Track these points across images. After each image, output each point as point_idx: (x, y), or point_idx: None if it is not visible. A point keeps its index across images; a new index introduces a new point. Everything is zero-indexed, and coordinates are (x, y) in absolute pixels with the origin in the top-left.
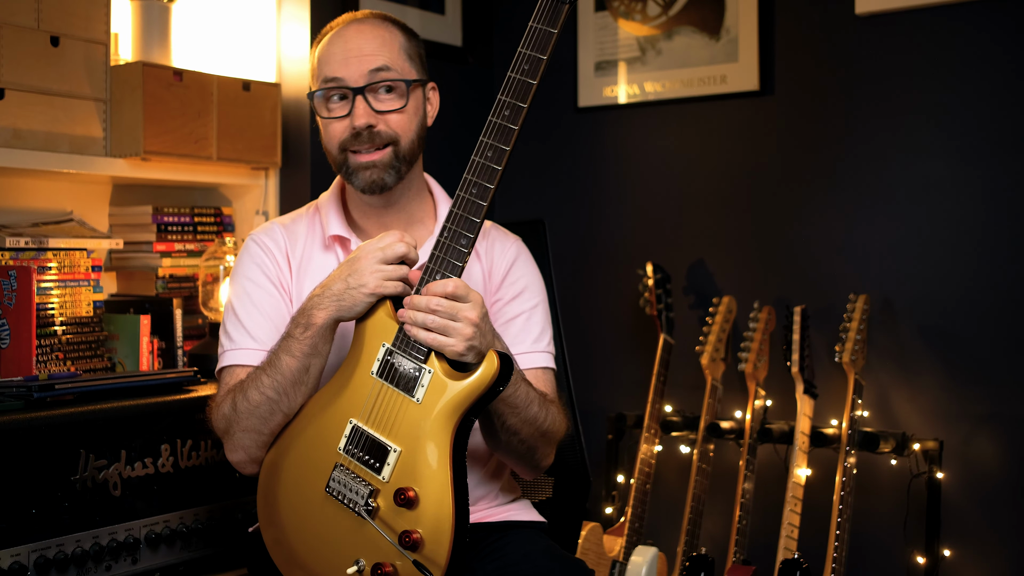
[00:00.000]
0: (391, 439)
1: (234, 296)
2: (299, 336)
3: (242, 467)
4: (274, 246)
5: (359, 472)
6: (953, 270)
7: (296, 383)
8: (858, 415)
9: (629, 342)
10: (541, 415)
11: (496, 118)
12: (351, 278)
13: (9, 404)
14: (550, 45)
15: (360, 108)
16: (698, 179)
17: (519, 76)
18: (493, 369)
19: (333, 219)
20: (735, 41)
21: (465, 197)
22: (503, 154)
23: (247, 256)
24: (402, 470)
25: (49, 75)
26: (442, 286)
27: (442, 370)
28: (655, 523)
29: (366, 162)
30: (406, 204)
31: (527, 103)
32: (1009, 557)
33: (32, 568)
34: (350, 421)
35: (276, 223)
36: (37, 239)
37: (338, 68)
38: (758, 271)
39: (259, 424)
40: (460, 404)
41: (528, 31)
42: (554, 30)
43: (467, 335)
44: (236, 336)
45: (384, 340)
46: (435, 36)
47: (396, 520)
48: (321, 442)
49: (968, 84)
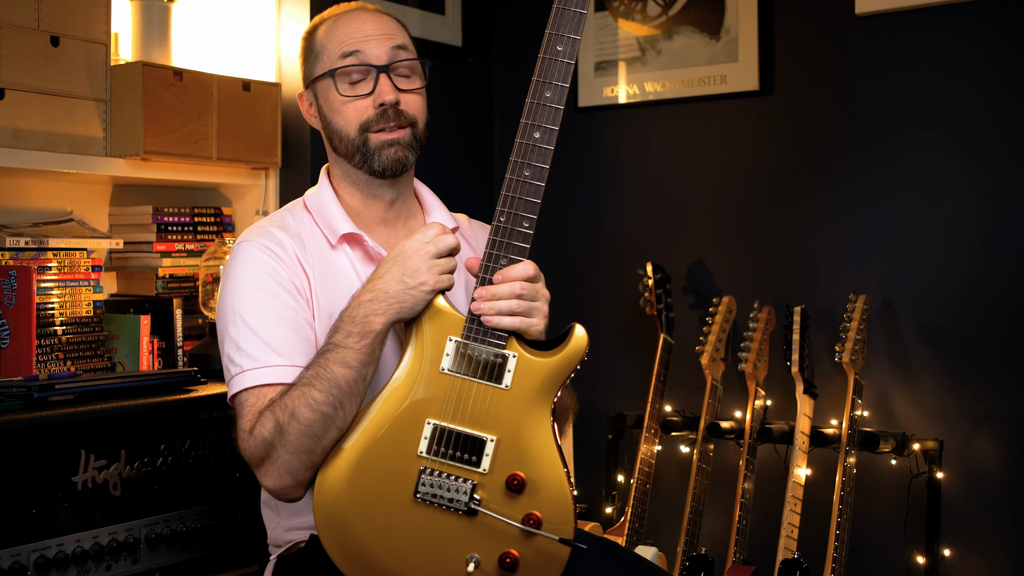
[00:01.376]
0: (483, 430)
1: (244, 309)
2: (354, 345)
3: (286, 493)
4: (281, 251)
5: (451, 471)
6: (953, 270)
7: (352, 394)
8: (858, 415)
9: (629, 342)
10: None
11: (536, 99)
12: (408, 278)
13: (9, 404)
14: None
15: (386, 84)
16: (698, 179)
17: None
18: (585, 337)
19: (339, 217)
20: (735, 41)
21: (519, 180)
22: (553, 134)
23: (251, 264)
24: (503, 458)
25: (49, 75)
26: (523, 270)
27: (528, 352)
28: (655, 523)
29: (392, 139)
30: (406, 197)
31: (567, 83)
32: (1009, 557)
33: (32, 568)
34: (428, 422)
35: (270, 227)
36: (37, 239)
37: (359, 44)
38: (758, 271)
39: (312, 444)
40: (558, 379)
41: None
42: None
43: (546, 312)
44: (257, 353)
45: (449, 334)
46: (435, 36)
47: (508, 507)
48: (394, 449)
49: (968, 84)
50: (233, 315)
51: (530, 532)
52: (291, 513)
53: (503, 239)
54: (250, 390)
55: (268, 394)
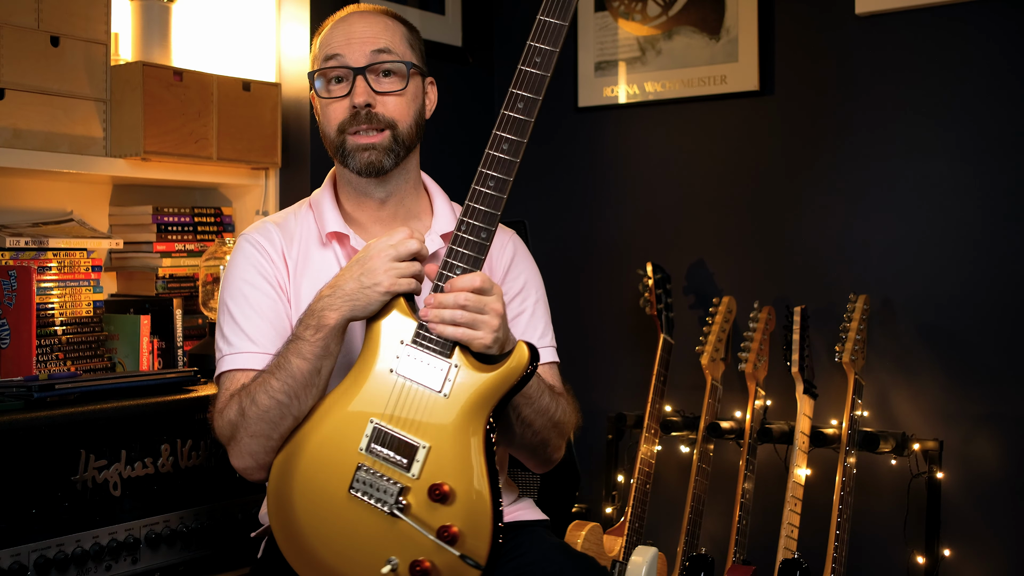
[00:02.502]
0: (418, 436)
1: (229, 298)
2: (310, 338)
3: (249, 473)
4: (269, 245)
5: (385, 471)
6: (953, 270)
7: (307, 385)
8: (858, 415)
9: (629, 342)
10: (552, 406)
11: (509, 111)
12: (364, 277)
13: (9, 404)
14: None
15: (360, 87)
16: (698, 179)
17: (531, 69)
18: (524, 357)
19: (330, 215)
20: (735, 41)
21: (481, 191)
22: (519, 146)
23: (241, 256)
24: (432, 466)
25: (49, 75)
26: (469, 281)
27: (469, 364)
28: (655, 523)
29: (364, 143)
30: (403, 198)
31: (541, 95)
32: (1009, 557)
33: (32, 568)
34: (371, 420)
35: (269, 222)
36: (37, 239)
37: (339, 47)
38: (758, 271)
39: (269, 429)
40: (493, 395)
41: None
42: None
43: (495, 327)
44: (234, 340)
45: (401, 337)
46: (435, 36)
47: (429, 516)
48: (338, 444)
49: (968, 84)
50: (222, 303)
51: (440, 544)
52: None
53: (460, 248)
54: (226, 374)
55: (241, 379)
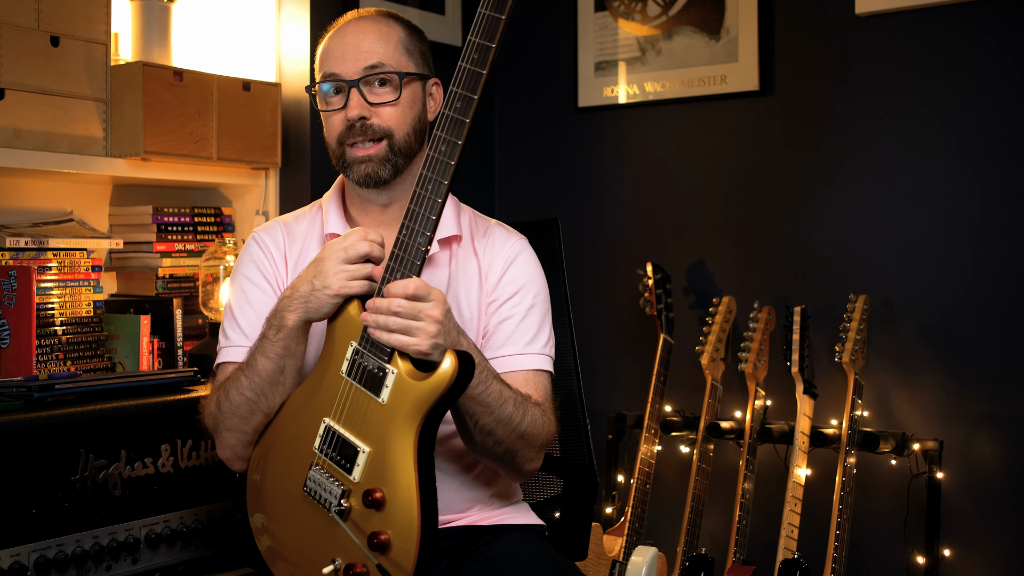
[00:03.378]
0: (360, 439)
1: (232, 294)
2: (272, 337)
3: (231, 463)
4: (273, 245)
5: (333, 472)
6: (953, 270)
7: (272, 383)
8: (858, 415)
9: (629, 342)
10: (517, 416)
11: (448, 110)
12: (316, 279)
13: (9, 404)
14: (498, 32)
15: (354, 100)
16: (698, 179)
17: (469, 66)
18: (451, 368)
19: (332, 217)
20: (735, 41)
21: (421, 193)
22: (455, 147)
23: (246, 254)
24: (371, 471)
25: (49, 75)
26: (403, 287)
27: (405, 370)
28: (655, 523)
29: (362, 156)
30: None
31: (477, 94)
32: (1009, 557)
33: (32, 568)
34: (323, 420)
35: (278, 221)
36: (37, 239)
37: (335, 64)
38: (758, 271)
39: (241, 423)
40: (422, 404)
41: (477, 16)
42: (502, 16)
43: (431, 333)
44: (231, 334)
45: (352, 339)
46: (435, 36)
47: (366, 521)
48: (299, 441)
49: (968, 84)
50: (227, 299)
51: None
52: None
53: (401, 252)
54: (220, 365)
55: (231, 371)
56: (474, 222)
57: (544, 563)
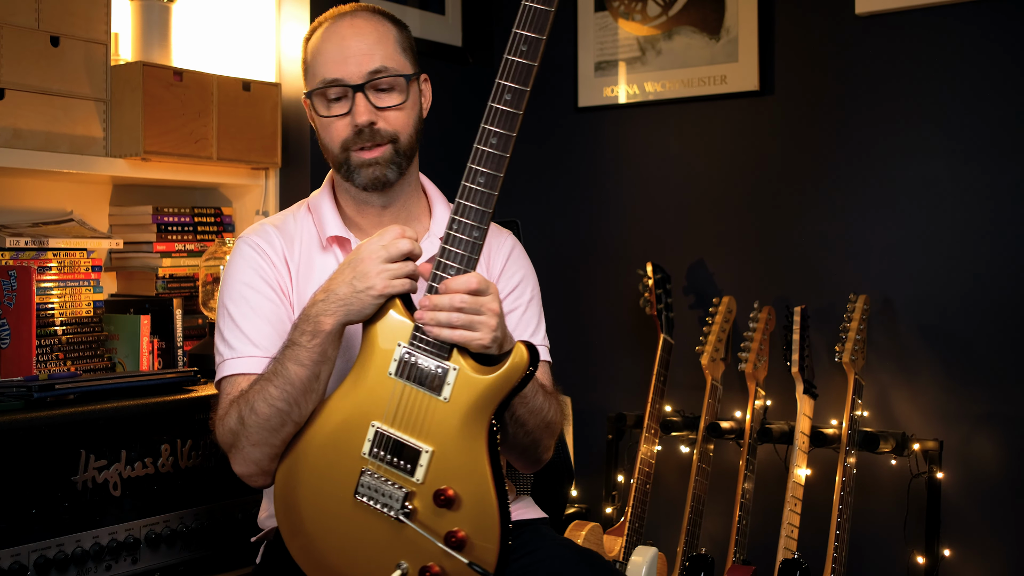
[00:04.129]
0: (421, 440)
1: (229, 301)
2: (307, 344)
3: (252, 479)
4: (270, 248)
5: (389, 476)
6: (953, 270)
7: (306, 391)
8: (858, 415)
9: (629, 342)
10: (545, 405)
11: (497, 103)
12: (357, 281)
13: (9, 404)
14: (547, 24)
15: (361, 105)
16: (698, 179)
17: (518, 59)
18: (524, 357)
19: (330, 219)
20: (735, 41)
21: (472, 187)
22: (508, 140)
23: (240, 259)
24: (436, 470)
25: (49, 75)
26: (465, 282)
27: (469, 366)
28: (655, 523)
29: (369, 159)
30: (405, 201)
31: (528, 86)
32: (1009, 557)
33: (32, 568)
34: (372, 424)
35: (268, 224)
36: (37, 239)
37: (336, 69)
38: (758, 271)
39: (270, 436)
40: (494, 397)
41: (522, 9)
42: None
43: (492, 326)
44: (235, 343)
45: (399, 339)
46: (435, 36)
47: (436, 521)
48: (341, 448)
49: (968, 84)
50: (221, 307)
51: (447, 551)
52: None
53: (452, 247)
54: (227, 378)
55: (242, 383)
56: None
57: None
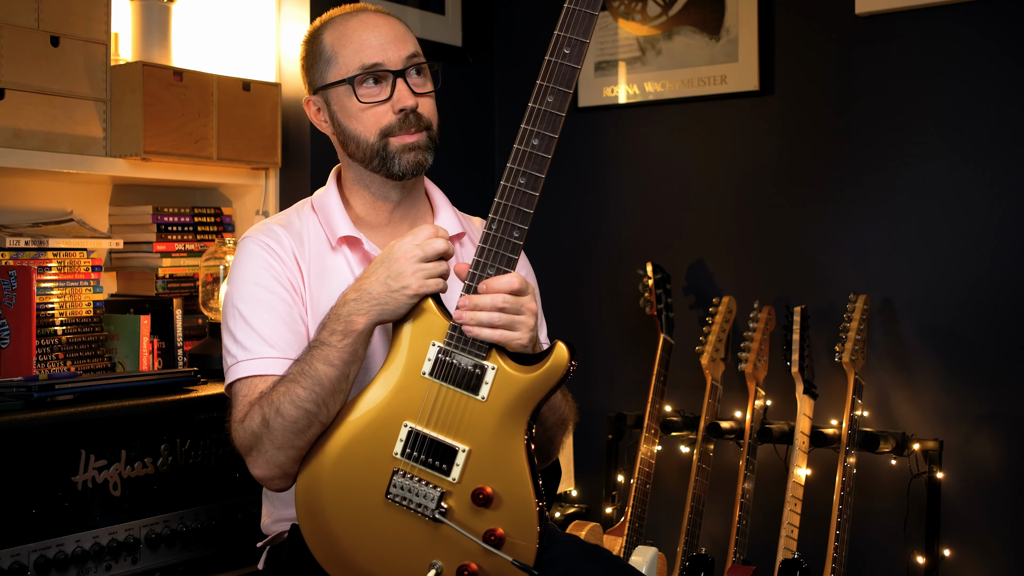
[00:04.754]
0: (457, 439)
1: (240, 302)
2: (337, 344)
3: (271, 483)
4: (279, 247)
5: (423, 476)
6: (953, 270)
7: (335, 392)
8: (858, 415)
9: (629, 342)
10: (563, 404)
11: (539, 104)
12: (391, 280)
13: (9, 404)
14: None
15: (404, 90)
16: (698, 179)
17: (561, 60)
18: (564, 357)
19: (339, 219)
20: (735, 41)
21: (513, 187)
22: (551, 141)
23: (249, 259)
24: (473, 469)
25: (49, 75)
26: (507, 283)
27: (507, 365)
28: (655, 523)
29: (412, 143)
30: (415, 199)
31: (571, 88)
32: (1009, 557)
33: (32, 568)
34: (405, 424)
35: (273, 224)
36: (37, 239)
37: (376, 54)
38: (758, 271)
39: (295, 439)
40: (534, 396)
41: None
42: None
43: (531, 326)
44: (251, 345)
45: (433, 339)
46: (435, 36)
47: (473, 520)
48: (371, 449)
49: (968, 84)
50: (232, 308)
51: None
52: (283, 505)
53: (492, 247)
54: (243, 380)
55: (260, 385)
56: (464, 220)
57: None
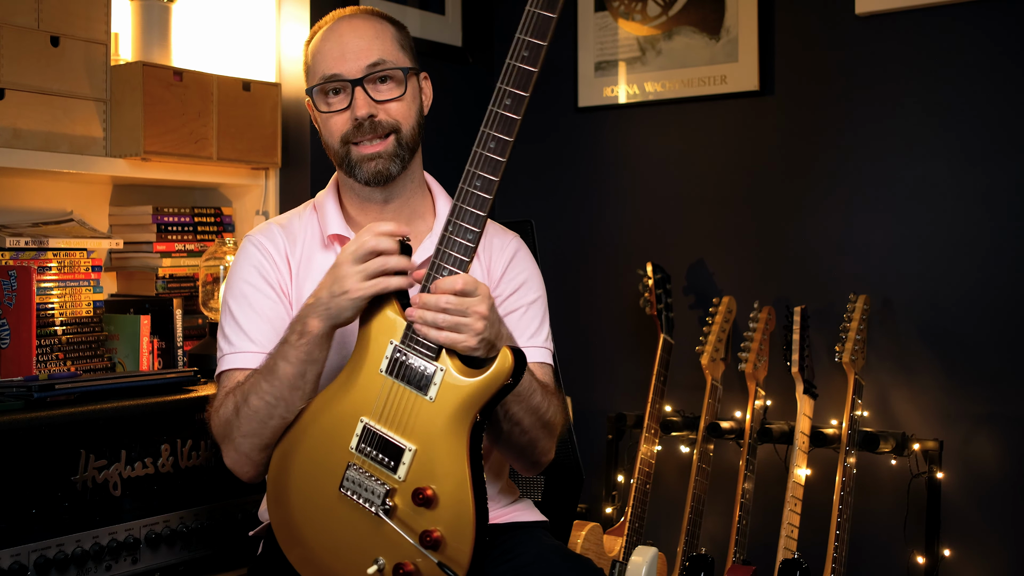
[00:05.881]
0: (405, 438)
1: (231, 298)
2: (295, 343)
3: (240, 468)
4: (272, 247)
5: (374, 471)
6: (953, 270)
7: (293, 388)
8: (858, 415)
9: (629, 342)
10: (544, 405)
11: (497, 107)
12: (334, 286)
13: (9, 404)
14: (549, 31)
15: (360, 99)
16: (698, 179)
17: (519, 63)
18: (507, 364)
19: (332, 217)
20: (735, 41)
21: (468, 190)
22: (506, 145)
23: (244, 258)
24: (418, 469)
25: (49, 75)
26: (451, 283)
27: (455, 367)
28: (655, 523)
29: (370, 153)
30: (408, 199)
31: (528, 92)
32: (1009, 557)
33: (32, 568)
34: (361, 420)
35: (274, 223)
36: (37, 239)
37: (335, 64)
38: (758, 271)
39: (259, 427)
40: (475, 402)
41: (526, 15)
42: (553, 15)
43: (478, 329)
44: (235, 339)
45: (391, 337)
46: (435, 36)
47: (415, 519)
48: (331, 441)
49: (968, 84)
50: (224, 303)
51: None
52: None
53: (445, 248)
54: (225, 372)
55: (238, 377)
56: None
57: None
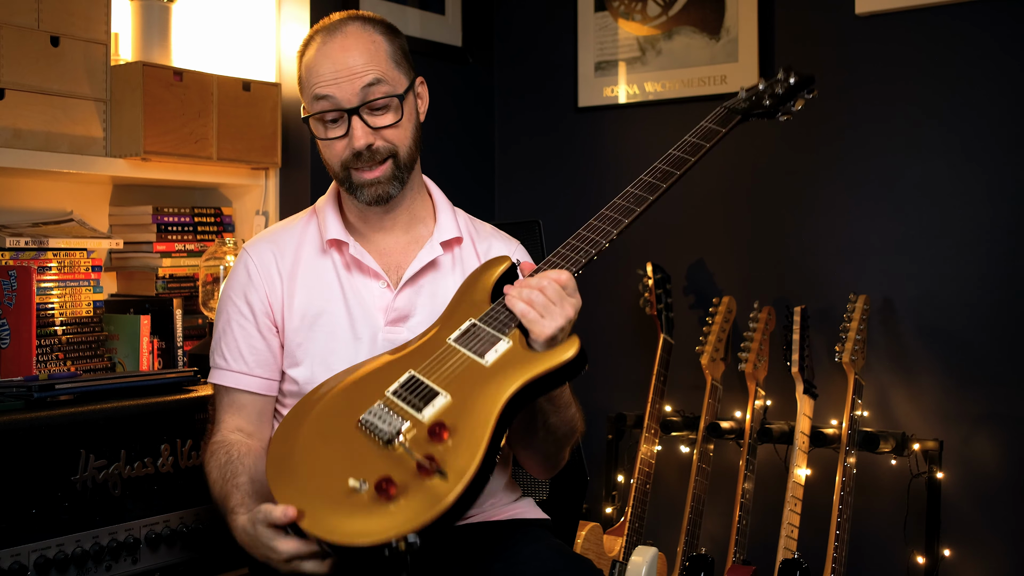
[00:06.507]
0: (445, 389)
1: (219, 312)
2: (233, 510)
3: None
4: (261, 267)
5: (398, 410)
6: (953, 270)
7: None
8: (858, 415)
9: (629, 342)
10: (576, 418)
11: (650, 176)
12: (252, 549)
13: (9, 404)
14: (715, 139)
15: (358, 130)
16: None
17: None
18: (574, 349)
19: (331, 223)
20: (735, 41)
21: (609, 214)
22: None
23: (234, 277)
24: (444, 416)
25: (49, 75)
26: (557, 273)
27: (518, 341)
28: (655, 523)
29: (370, 179)
30: (408, 205)
31: (682, 171)
32: (1009, 557)
33: (32, 568)
34: (409, 371)
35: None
36: (37, 239)
37: (328, 87)
38: (758, 271)
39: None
40: (526, 372)
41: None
42: (722, 128)
43: (560, 324)
44: (216, 357)
45: (472, 316)
46: (435, 36)
47: (420, 448)
48: (372, 384)
49: (968, 84)
50: (216, 317)
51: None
52: None
53: (564, 250)
54: (214, 385)
55: (221, 395)
56: (470, 225)
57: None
